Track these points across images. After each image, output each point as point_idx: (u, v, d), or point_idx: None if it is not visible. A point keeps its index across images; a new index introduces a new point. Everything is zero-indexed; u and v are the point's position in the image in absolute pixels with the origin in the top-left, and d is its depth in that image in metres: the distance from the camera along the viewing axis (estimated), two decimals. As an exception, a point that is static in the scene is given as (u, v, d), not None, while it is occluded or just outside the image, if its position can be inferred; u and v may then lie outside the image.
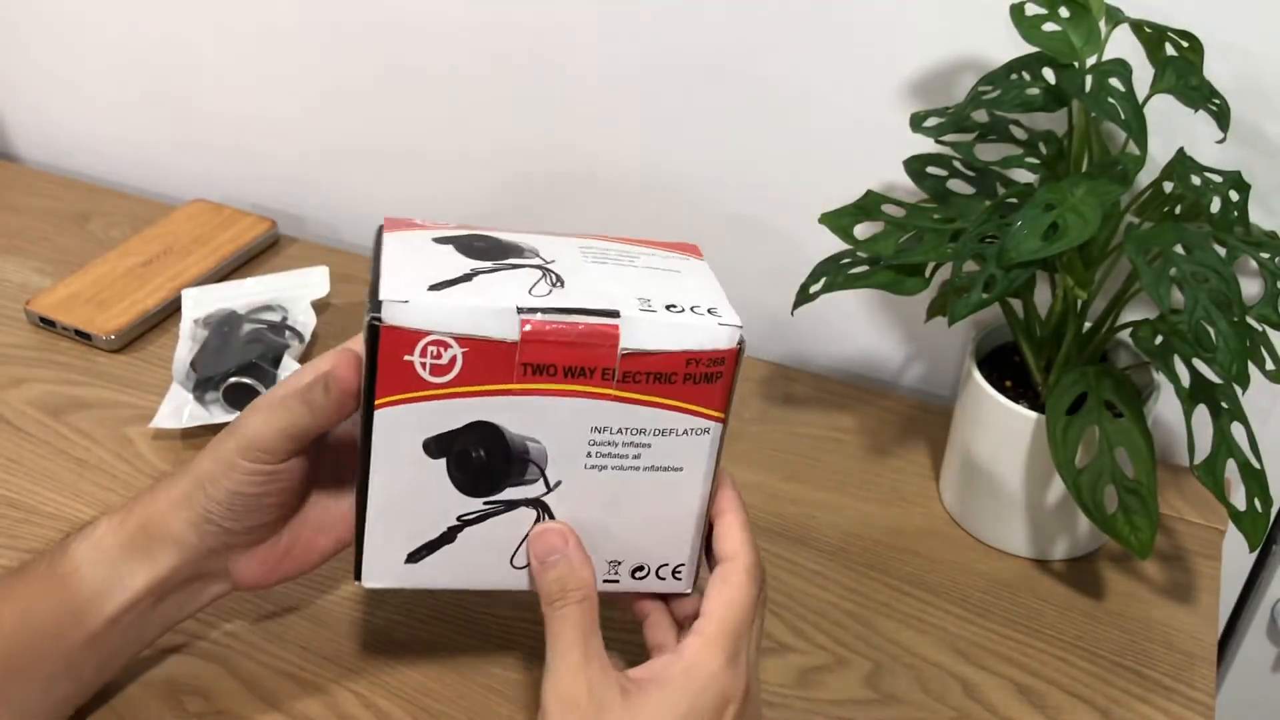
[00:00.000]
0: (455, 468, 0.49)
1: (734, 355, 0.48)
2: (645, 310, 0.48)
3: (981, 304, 0.56)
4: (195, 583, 0.55)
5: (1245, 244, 0.59)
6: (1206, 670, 0.63)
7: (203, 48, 0.93)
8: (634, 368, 0.48)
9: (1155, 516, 0.59)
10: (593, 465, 0.50)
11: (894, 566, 0.68)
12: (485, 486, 0.50)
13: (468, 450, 0.49)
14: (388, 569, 0.52)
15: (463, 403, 0.48)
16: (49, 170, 1.06)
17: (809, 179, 0.78)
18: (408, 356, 0.46)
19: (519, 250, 0.51)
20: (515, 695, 0.60)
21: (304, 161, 0.96)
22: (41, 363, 0.81)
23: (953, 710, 0.60)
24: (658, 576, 0.54)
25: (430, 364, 0.47)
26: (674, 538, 0.53)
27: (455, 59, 0.84)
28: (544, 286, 0.48)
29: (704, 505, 0.52)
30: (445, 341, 0.46)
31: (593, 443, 0.49)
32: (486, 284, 0.48)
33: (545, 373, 0.47)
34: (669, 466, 0.51)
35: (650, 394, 0.48)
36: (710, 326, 0.48)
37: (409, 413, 0.48)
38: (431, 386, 0.47)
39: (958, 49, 0.70)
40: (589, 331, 0.47)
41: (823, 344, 0.85)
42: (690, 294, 0.50)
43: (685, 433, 0.50)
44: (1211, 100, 0.59)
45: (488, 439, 0.49)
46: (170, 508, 0.53)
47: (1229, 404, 0.59)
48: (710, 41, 0.76)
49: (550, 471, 0.50)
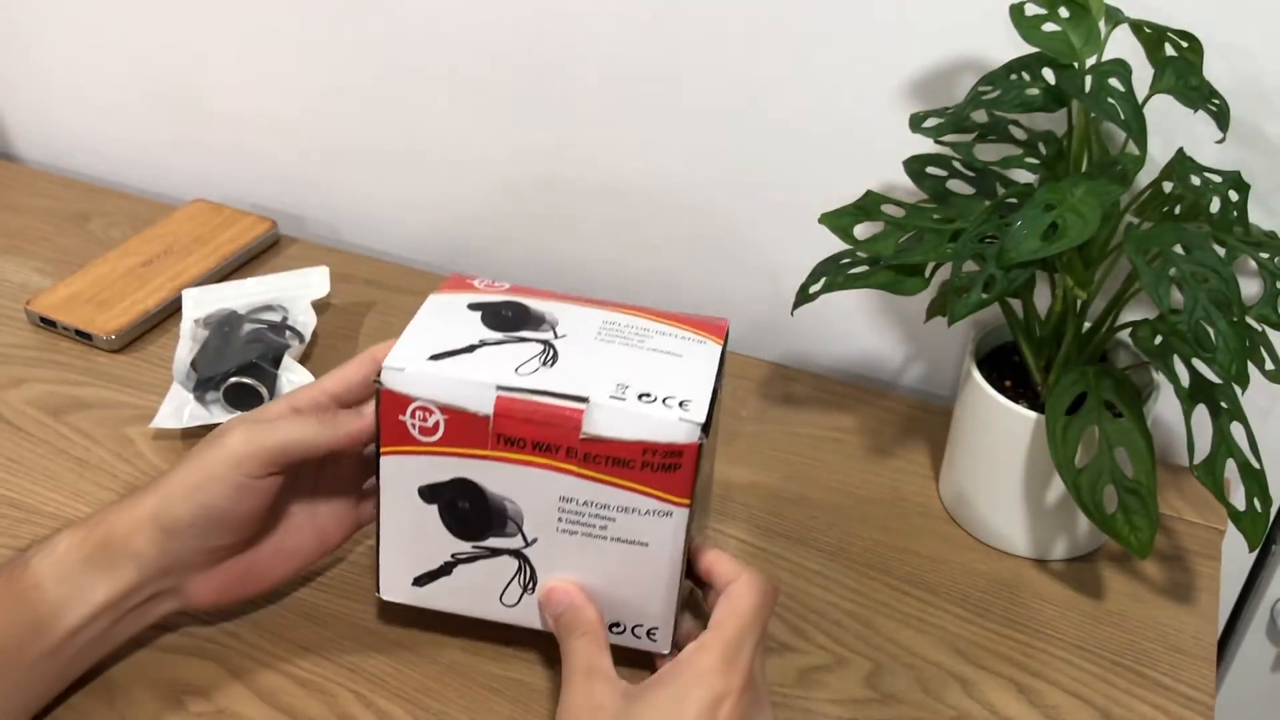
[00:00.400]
0: (445, 514, 0.56)
1: (693, 450, 0.52)
2: (615, 398, 0.52)
3: (981, 304, 0.56)
4: (151, 600, 0.56)
5: (1245, 244, 0.59)
6: (1206, 670, 0.63)
7: (203, 48, 0.93)
8: (594, 450, 0.52)
9: (1155, 516, 0.59)
10: (563, 529, 0.55)
11: (894, 566, 0.68)
12: (471, 533, 0.56)
13: (454, 500, 0.55)
14: (400, 587, 0.59)
15: (448, 460, 0.54)
16: (49, 170, 1.06)
17: (809, 179, 0.78)
18: (401, 417, 0.53)
19: (539, 322, 0.57)
20: (515, 695, 0.60)
21: (304, 161, 0.96)
22: (42, 363, 0.81)
23: (952, 710, 0.60)
24: (634, 635, 0.57)
25: (419, 425, 0.53)
26: (647, 602, 0.56)
27: (455, 59, 0.84)
28: (534, 364, 0.54)
29: (676, 574, 0.55)
30: (430, 409, 0.53)
31: (562, 510, 0.54)
32: (485, 357, 0.54)
33: (517, 444, 0.53)
34: (635, 541, 0.54)
35: (612, 475, 0.53)
36: (671, 420, 0.52)
37: (407, 462, 0.54)
38: (422, 444, 0.54)
39: (958, 49, 0.70)
40: (554, 414, 0.52)
41: (823, 344, 0.85)
42: (674, 384, 0.54)
43: (648, 513, 0.53)
44: (1211, 100, 0.59)
45: (470, 493, 0.55)
46: (134, 525, 0.54)
47: (1228, 404, 0.59)
48: (710, 42, 0.76)
49: (526, 529, 0.55)
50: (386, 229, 0.96)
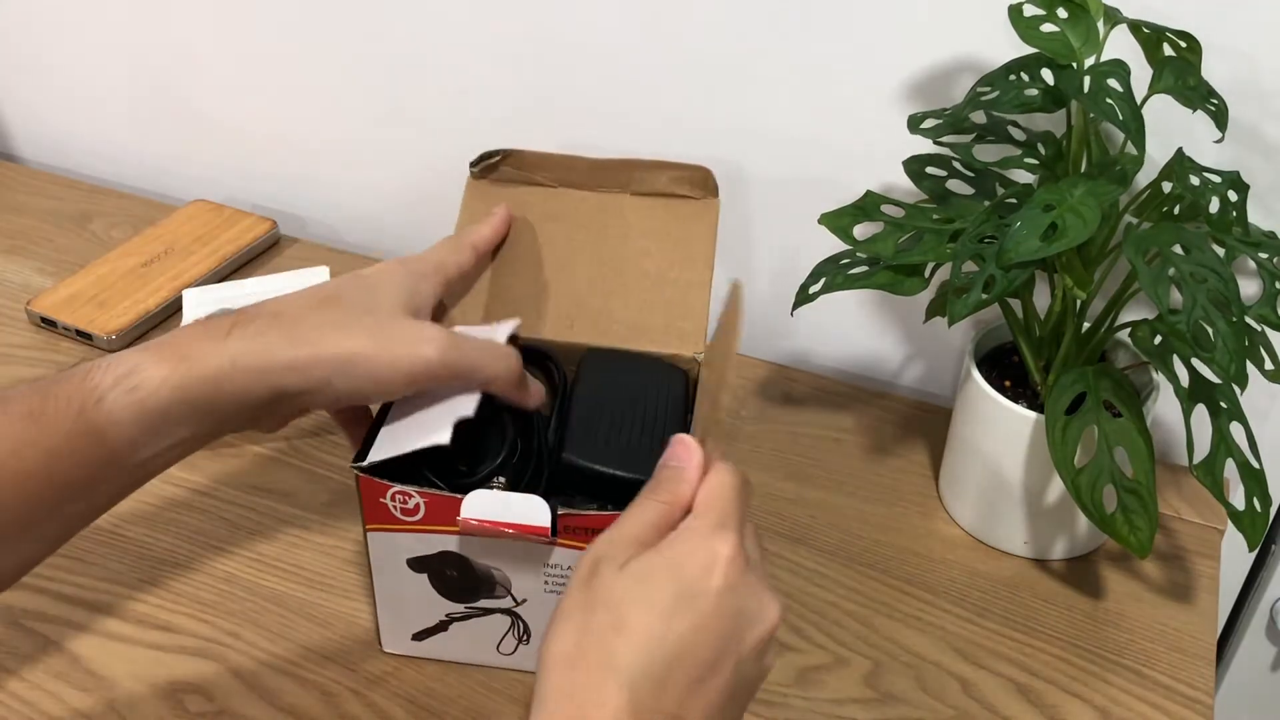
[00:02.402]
0: (435, 581, 0.57)
1: None
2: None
3: (980, 304, 0.56)
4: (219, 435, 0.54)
5: (1244, 244, 0.59)
6: (1205, 669, 0.63)
7: (204, 48, 0.93)
8: (571, 524, 0.53)
9: (1154, 516, 0.59)
10: (550, 590, 0.57)
11: (894, 566, 0.68)
12: (463, 597, 0.58)
13: (442, 570, 0.57)
14: (400, 642, 0.61)
15: (432, 536, 0.55)
16: (50, 170, 1.06)
17: (808, 179, 0.78)
18: (382, 499, 0.54)
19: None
20: (516, 695, 0.60)
21: (304, 162, 0.96)
22: (43, 363, 0.81)
23: (952, 709, 0.60)
24: None
25: (400, 506, 0.54)
26: None
27: (457, 60, 0.85)
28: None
29: None
30: (409, 493, 0.54)
31: (547, 575, 0.56)
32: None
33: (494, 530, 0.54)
34: None
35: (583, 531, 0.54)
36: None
37: (393, 539, 0.56)
38: (404, 523, 0.55)
39: (957, 49, 0.70)
40: (520, 531, 0.53)
41: (823, 344, 0.85)
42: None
43: None
44: (1210, 100, 0.59)
45: (457, 564, 0.56)
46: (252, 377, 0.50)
47: (1228, 404, 0.59)
48: (709, 42, 0.76)
49: (515, 591, 0.57)
50: (386, 229, 0.96)
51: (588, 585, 0.44)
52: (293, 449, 0.74)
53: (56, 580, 0.65)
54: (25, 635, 0.62)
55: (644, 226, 0.67)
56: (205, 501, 0.71)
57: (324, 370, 0.51)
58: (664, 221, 0.67)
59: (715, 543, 0.45)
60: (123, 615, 0.64)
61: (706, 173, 0.67)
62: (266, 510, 0.70)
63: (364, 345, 0.52)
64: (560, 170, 0.68)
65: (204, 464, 0.72)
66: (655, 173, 0.67)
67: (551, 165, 0.68)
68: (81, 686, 0.60)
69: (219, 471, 0.72)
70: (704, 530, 0.45)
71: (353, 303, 0.54)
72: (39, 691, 0.60)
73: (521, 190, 0.68)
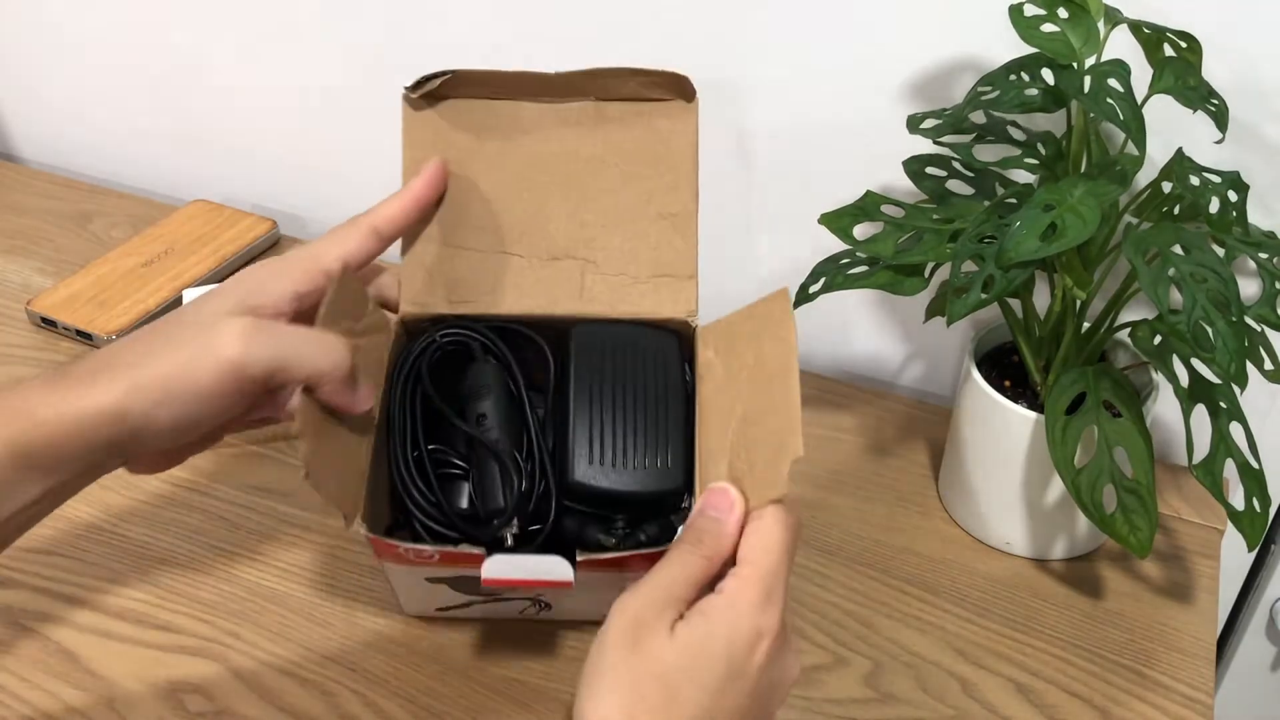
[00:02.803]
0: (456, 586, 0.58)
1: None
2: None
3: (980, 304, 0.56)
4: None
5: (1243, 244, 0.59)
6: (1205, 669, 0.63)
7: (204, 48, 0.93)
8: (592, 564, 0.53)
9: (1154, 516, 0.59)
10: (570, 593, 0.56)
11: (894, 566, 0.68)
12: (486, 593, 0.58)
13: (463, 579, 0.57)
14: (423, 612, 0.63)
15: (449, 568, 0.55)
16: (50, 170, 1.06)
17: (808, 179, 0.78)
18: (397, 551, 0.54)
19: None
20: (515, 695, 0.60)
21: (304, 162, 0.96)
22: (43, 363, 0.81)
23: (952, 709, 0.60)
24: None
25: (414, 556, 0.54)
26: None
27: (455, 59, 0.84)
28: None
29: None
30: (423, 551, 0.53)
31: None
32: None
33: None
34: None
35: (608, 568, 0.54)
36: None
37: (410, 570, 0.55)
38: (420, 563, 0.54)
39: (957, 49, 0.70)
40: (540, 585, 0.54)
41: (823, 344, 0.85)
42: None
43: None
44: (1210, 100, 0.59)
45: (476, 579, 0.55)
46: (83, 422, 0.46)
47: (1227, 404, 0.59)
48: (709, 42, 0.76)
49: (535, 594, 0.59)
50: (387, 229, 0.96)
51: (634, 649, 0.44)
52: (293, 449, 0.74)
53: (56, 580, 0.65)
54: (25, 635, 0.62)
55: (617, 146, 0.60)
56: (205, 501, 0.71)
57: (141, 404, 0.46)
58: (639, 138, 0.60)
59: (762, 620, 0.46)
60: (123, 615, 0.64)
61: (683, 78, 0.59)
62: (266, 510, 0.70)
63: (166, 365, 0.46)
64: (512, 88, 0.59)
65: (204, 464, 0.72)
66: (622, 79, 0.59)
67: (501, 82, 0.59)
68: (81, 686, 0.60)
69: (219, 471, 0.72)
70: (753, 602, 0.46)
71: (175, 321, 0.50)
72: (39, 691, 0.60)
73: (473, 112, 0.60)
